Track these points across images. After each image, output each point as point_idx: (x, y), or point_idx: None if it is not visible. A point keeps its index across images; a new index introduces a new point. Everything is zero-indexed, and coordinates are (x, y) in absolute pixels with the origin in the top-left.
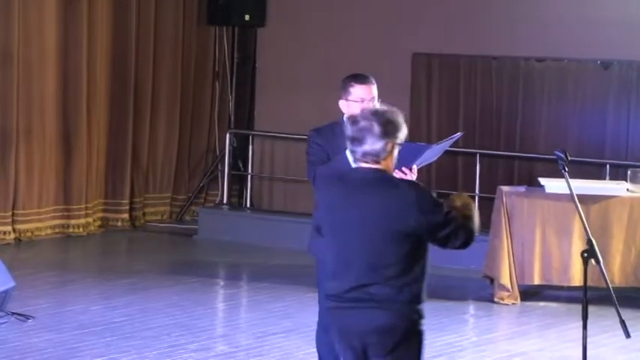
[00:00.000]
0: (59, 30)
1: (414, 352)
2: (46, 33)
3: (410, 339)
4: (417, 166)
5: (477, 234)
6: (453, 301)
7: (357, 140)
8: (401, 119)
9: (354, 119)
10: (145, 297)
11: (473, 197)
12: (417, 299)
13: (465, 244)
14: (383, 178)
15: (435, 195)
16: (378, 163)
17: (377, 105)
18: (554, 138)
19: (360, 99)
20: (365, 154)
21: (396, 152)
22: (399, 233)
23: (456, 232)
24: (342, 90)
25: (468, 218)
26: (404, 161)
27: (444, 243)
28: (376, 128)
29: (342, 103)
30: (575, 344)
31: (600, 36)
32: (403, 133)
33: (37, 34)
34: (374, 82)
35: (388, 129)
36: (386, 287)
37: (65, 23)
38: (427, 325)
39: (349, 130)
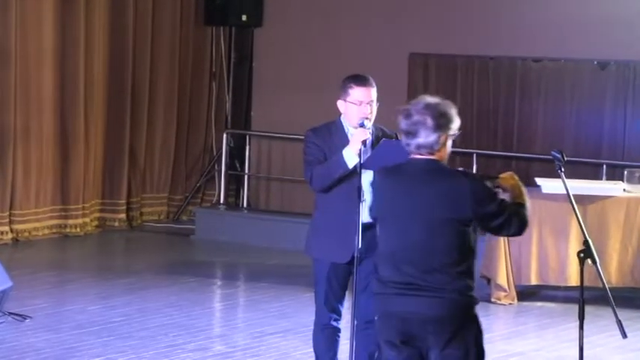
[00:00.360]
0: (56, 30)
1: (473, 339)
2: (43, 33)
3: (467, 327)
4: None
5: (528, 219)
6: None
7: (411, 134)
8: (453, 111)
9: (407, 113)
10: (142, 297)
11: None
12: (471, 287)
13: (519, 231)
14: (438, 168)
15: (489, 184)
16: (432, 154)
17: (375, 108)
18: (551, 138)
19: (358, 101)
20: (419, 147)
21: (449, 143)
22: (455, 222)
23: (510, 221)
24: (342, 90)
25: (521, 205)
26: (399, 160)
27: (497, 231)
28: (429, 121)
29: (340, 104)
30: (572, 344)
31: (597, 36)
32: (456, 125)
33: (34, 34)
34: (374, 84)
35: (441, 122)
36: (443, 275)
37: (62, 23)
38: None
39: (403, 123)
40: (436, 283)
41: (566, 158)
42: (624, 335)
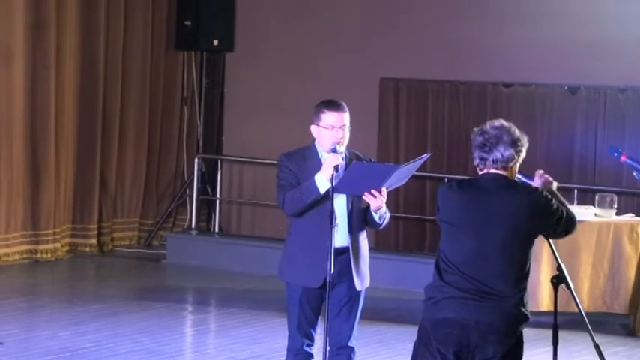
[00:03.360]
0: (27, 56)
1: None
2: (14, 59)
3: (519, 345)
4: (387, 188)
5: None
6: None
7: (489, 147)
8: (524, 138)
9: (483, 130)
10: (113, 322)
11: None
12: (527, 303)
13: (574, 228)
14: (511, 183)
15: (549, 197)
16: (505, 169)
17: (347, 133)
18: (522, 162)
19: (330, 126)
20: (495, 161)
21: (519, 163)
22: (524, 233)
23: (566, 225)
24: (314, 115)
25: (564, 204)
26: (373, 183)
27: (562, 235)
28: (507, 137)
29: (313, 129)
30: None
31: (567, 61)
32: (525, 149)
33: (4, 61)
34: (346, 109)
35: (516, 139)
36: (508, 286)
37: (33, 48)
38: (399, 350)
39: (480, 138)
40: (502, 293)
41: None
42: (602, 359)
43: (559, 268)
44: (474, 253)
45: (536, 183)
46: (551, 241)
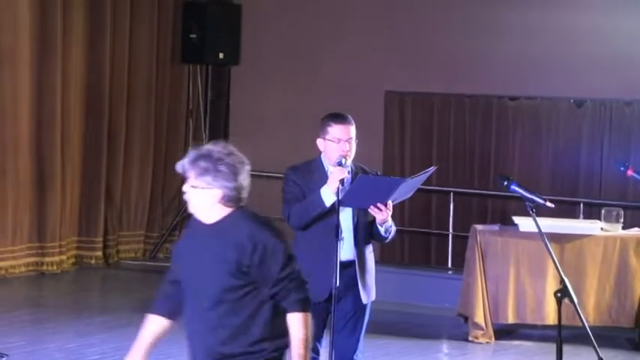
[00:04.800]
0: (33, 68)
1: None
2: (20, 71)
3: None
4: (393, 201)
5: None
6: (427, 340)
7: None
8: None
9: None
10: (119, 335)
11: (446, 236)
12: None
13: None
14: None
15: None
16: None
17: (354, 146)
18: (528, 176)
19: (336, 139)
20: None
21: None
22: None
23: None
24: (320, 128)
25: None
26: (378, 196)
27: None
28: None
29: (319, 142)
30: None
31: (573, 75)
32: None
33: (10, 75)
34: (352, 122)
35: None
36: None
37: (39, 62)
38: None
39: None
40: None
41: (539, 198)
42: None
43: (562, 282)
44: None
45: None
46: (554, 255)
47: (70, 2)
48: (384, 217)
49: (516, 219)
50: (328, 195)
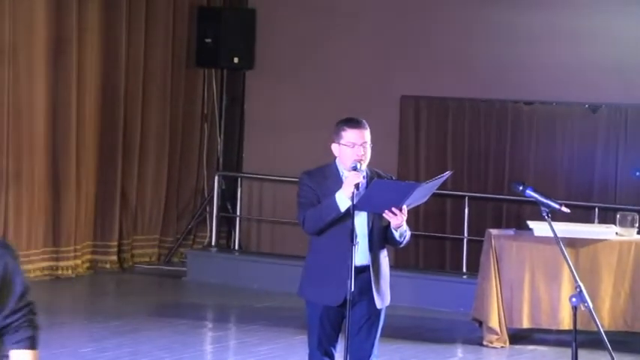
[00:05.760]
0: (49, 72)
1: None
2: (35, 75)
3: None
4: (407, 206)
5: None
6: (442, 344)
7: None
8: None
9: None
10: (133, 339)
11: (461, 240)
12: None
13: None
14: None
15: None
16: None
17: (368, 151)
18: (543, 181)
19: (351, 143)
20: None
21: None
22: None
23: None
24: (335, 133)
25: None
26: (393, 201)
27: None
28: None
29: (334, 147)
30: None
31: (588, 80)
32: None
33: (26, 78)
34: (367, 126)
35: None
36: None
37: (55, 65)
38: None
39: None
40: None
41: (555, 203)
42: None
43: (578, 287)
44: None
45: None
46: (569, 260)
47: (85, 5)
48: (398, 221)
49: (531, 223)
50: (343, 200)
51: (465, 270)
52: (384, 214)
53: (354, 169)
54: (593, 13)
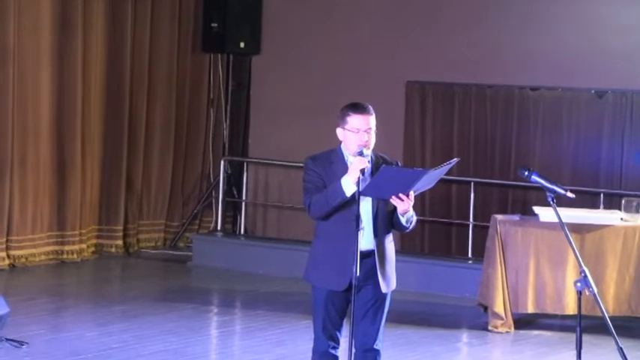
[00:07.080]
0: (54, 58)
1: None
2: (40, 61)
3: None
4: (415, 192)
5: None
6: (447, 329)
7: None
8: None
9: None
10: (139, 324)
11: (467, 225)
12: None
13: None
14: None
15: None
16: None
17: (373, 136)
18: (549, 167)
19: (356, 129)
20: None
21: None
22: None
23: None
24: (340, 118)
25: None
26: (400, 187)
27: None
28: None
29: (339, 131)
30: None
31: (595, 66)
32: None
33: (32, 63)
34: (372, 112)
35: None
36: None
37: (60, 51)
38: (424, 353)
39: None
40: None
41: (559, 189)
42: None
43: (582, 272)
44: None
45: None
46: (574, 245)
47: None
48: (405, 207)
49: (537, 209)
50: (349, 185)
51: (470, 255)
52: (390, 200)
53: (360, 154)
54: None
